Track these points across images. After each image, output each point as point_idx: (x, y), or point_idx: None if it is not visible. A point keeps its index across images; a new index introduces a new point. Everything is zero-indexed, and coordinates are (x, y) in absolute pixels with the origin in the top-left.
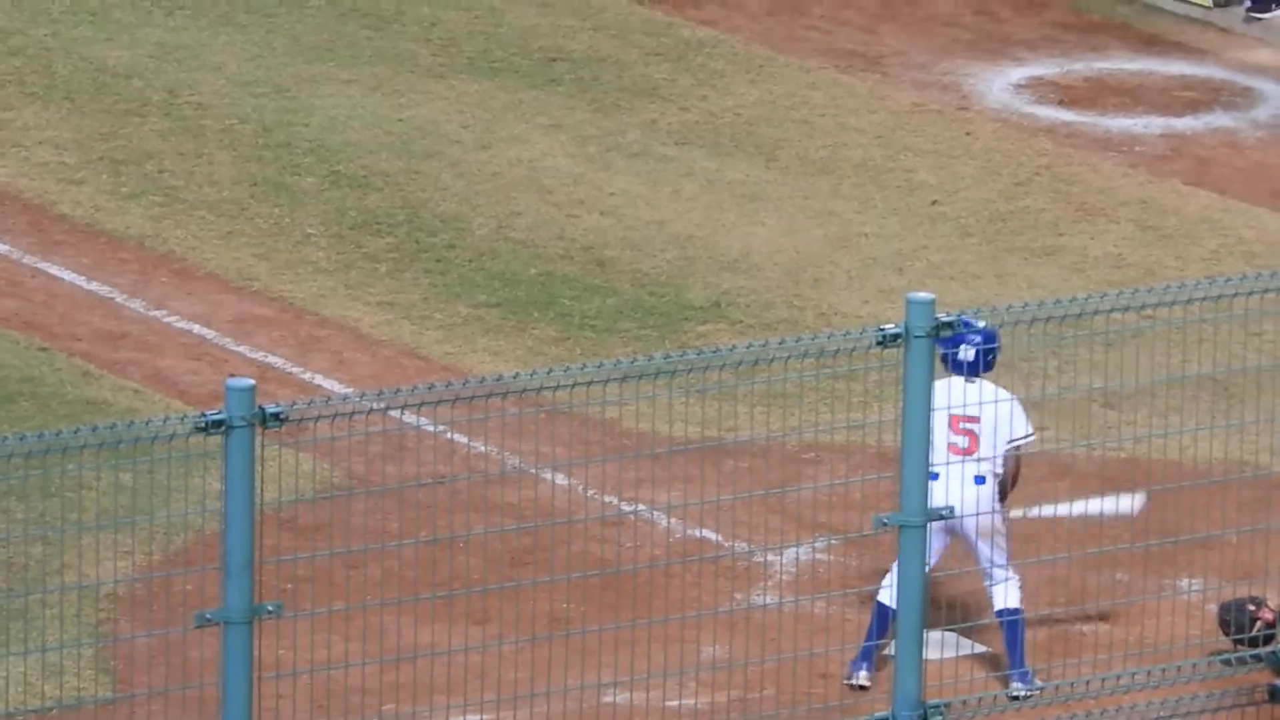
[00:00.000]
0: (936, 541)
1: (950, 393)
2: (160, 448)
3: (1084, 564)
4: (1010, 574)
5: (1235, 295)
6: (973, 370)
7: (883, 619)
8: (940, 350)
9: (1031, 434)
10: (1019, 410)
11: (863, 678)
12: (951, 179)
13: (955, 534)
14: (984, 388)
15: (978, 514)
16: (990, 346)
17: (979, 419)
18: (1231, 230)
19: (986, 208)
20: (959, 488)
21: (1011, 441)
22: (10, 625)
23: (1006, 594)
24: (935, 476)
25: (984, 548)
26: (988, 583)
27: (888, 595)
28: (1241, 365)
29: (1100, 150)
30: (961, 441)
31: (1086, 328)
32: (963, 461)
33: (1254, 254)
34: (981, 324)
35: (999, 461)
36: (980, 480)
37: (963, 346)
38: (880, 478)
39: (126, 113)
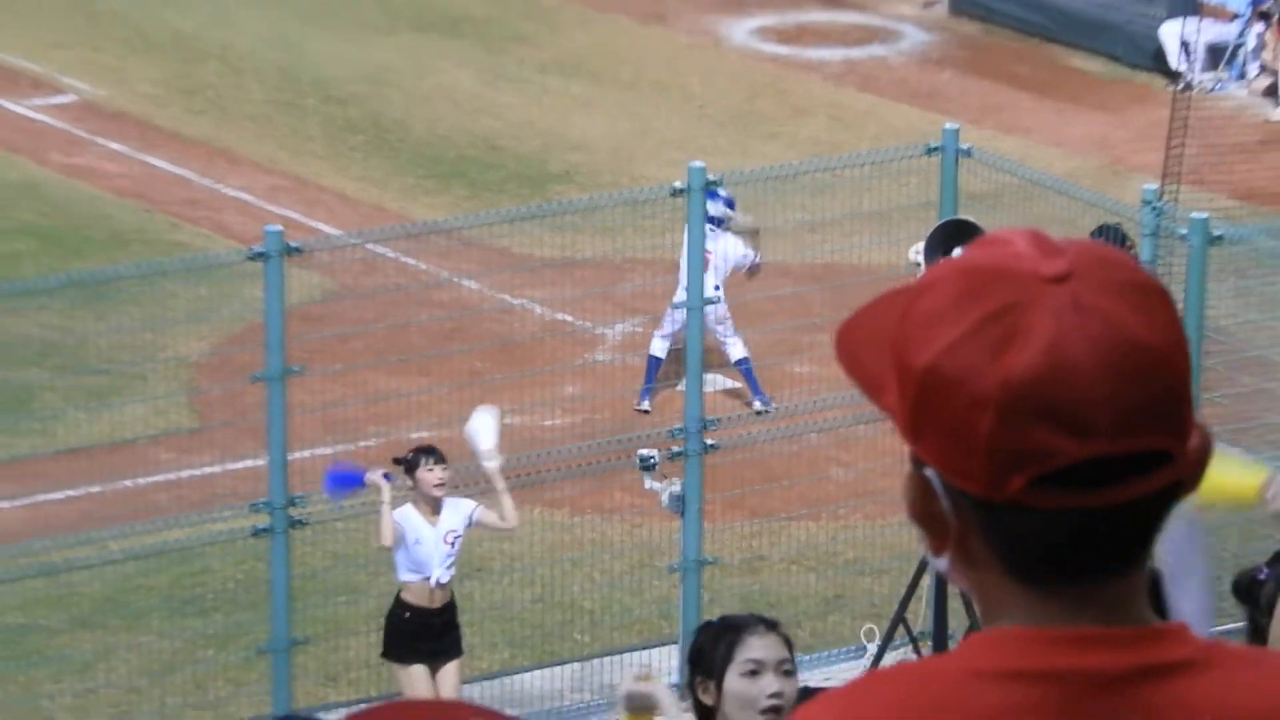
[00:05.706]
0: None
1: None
2: (221, 271)
3: None
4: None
5: (891, 160)
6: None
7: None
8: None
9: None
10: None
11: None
12: (712, 91)
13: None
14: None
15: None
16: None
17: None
18: (885, 120)
19: (735, 109)
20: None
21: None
22: None
23: (735, 350)
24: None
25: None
26: (721, 342)
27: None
28: (895, 204)
29: (805, 71)
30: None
31: (800, 183)
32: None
33: (899, 134)
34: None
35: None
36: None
37: (710, 203)
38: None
39: None
